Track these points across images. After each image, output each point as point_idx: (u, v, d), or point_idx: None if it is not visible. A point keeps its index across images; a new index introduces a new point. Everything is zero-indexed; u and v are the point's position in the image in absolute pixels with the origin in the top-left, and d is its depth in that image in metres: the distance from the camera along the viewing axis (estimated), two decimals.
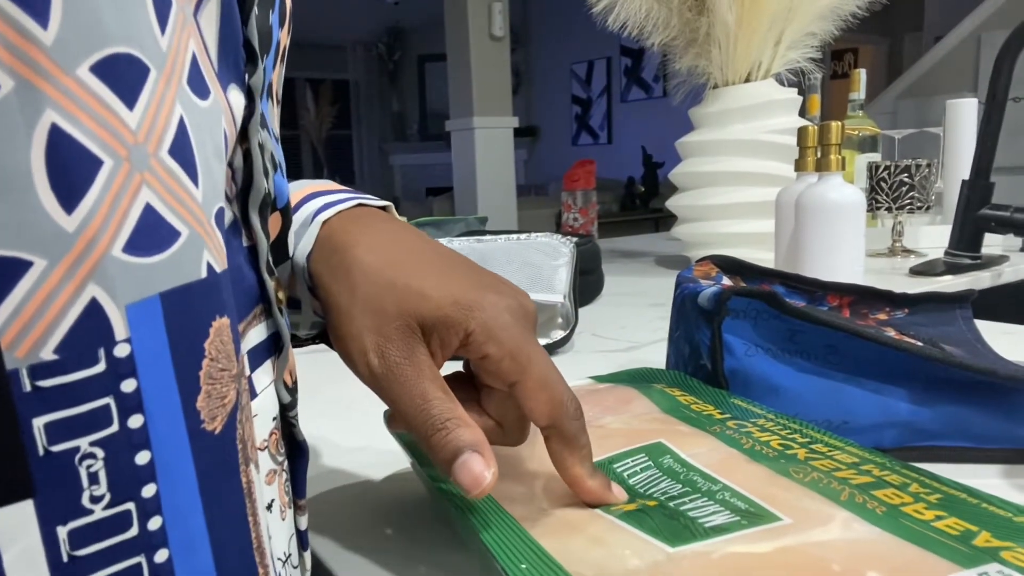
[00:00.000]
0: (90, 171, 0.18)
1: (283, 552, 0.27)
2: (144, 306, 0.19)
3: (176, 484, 0.20)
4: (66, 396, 0.18)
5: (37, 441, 0.18)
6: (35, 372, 0.17)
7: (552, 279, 0.78)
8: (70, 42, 0.17)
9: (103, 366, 0.18)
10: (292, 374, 0.29)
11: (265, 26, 0.27)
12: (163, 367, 0.20)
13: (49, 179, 0.17)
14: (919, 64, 4.11)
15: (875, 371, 0.44)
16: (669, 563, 0.26)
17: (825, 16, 1.16)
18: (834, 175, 0.78)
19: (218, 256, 0.22)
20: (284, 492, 0.28)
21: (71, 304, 0.18)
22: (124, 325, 0.19)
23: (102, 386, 0.18)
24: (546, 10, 7.48)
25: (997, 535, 0.26)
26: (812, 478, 0.31)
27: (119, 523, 0.19)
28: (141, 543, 0.20)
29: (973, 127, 1.43)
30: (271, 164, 0.27)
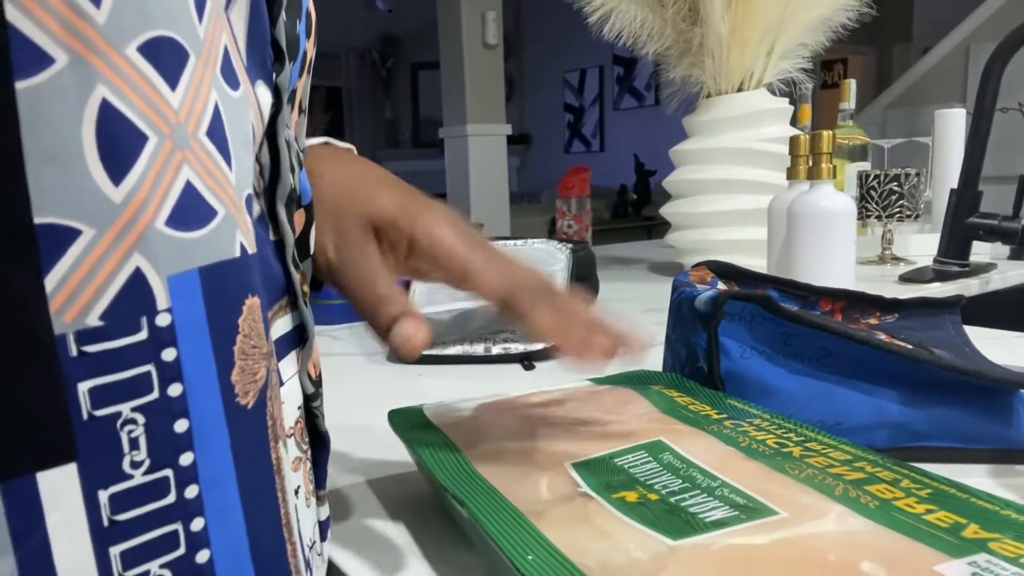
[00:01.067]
0: (136, 145, 0.18)
1: (309, 539, 0.28)
2: (184, 278, 0.20)
3: (212, 454, 0.21)
4: (110, 362, 0.18)
5: (82, 405, 0.18)
6: (81, 338, 0.18)
7: None
8: (120, 22, 0.18)
9: (145, 334, 0.19)
10: (316, 366, 0.30)
11: (293, 34, 0.28)
12: (201, 339, 0.20)
13: (99, 151, 0.18)
14: (908, 74, 4.16)
15: (867, 373, 0.46)
16: (670, 555, 0.27)
17: (816, 27, 1.18)
18: (825, 183, 0.79)
19: (249, 239, 0.23)
20: (308, 480, 0.29)
21: (116, 273, 0.18)
22: (166, 295, 0.19)
23: (144, 353, 0.19)
24: (539, 19, 7.52)
25: (986, 527, 0.27)
26: (807, 474, 0.32)
27: (158, 489, 0.19)
28: (178, 510, 0.20)
29: (961, 137, 1.45)
30: (297, 161, 0.28)
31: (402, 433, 0.41)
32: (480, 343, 0.74)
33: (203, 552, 0.21)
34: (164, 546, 0.20)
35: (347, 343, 0.85)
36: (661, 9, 1.18)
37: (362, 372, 0.72)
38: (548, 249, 0.86)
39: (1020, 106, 3.59)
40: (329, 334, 0.90)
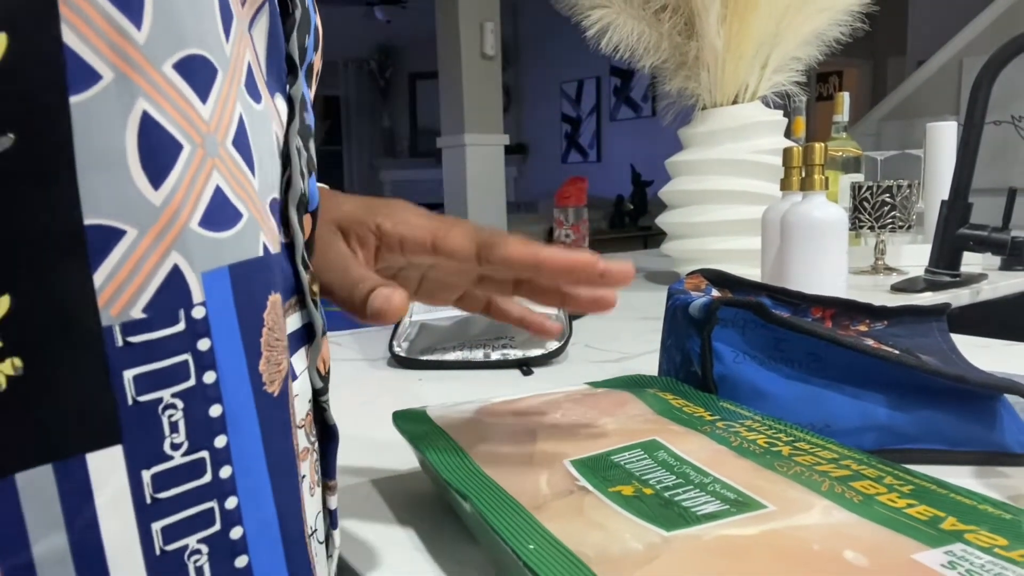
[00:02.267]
0: (173, 153, 0.20)
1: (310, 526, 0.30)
2: (216, 275, 0.21)
3: (244, 437, 0.22)
4: (152, 351, 0.20)
5: (127, 391, 0.20)
6: (126, 329, 0.19)
7: None
8: (159, 41, 0.20)
9: (183, 325, 0.21)
10: (325, 362, 0.32)
11: (303, 47, 0.30)
12: (232, 330, 0.22)
13: (140, 158, 0.19)
14: (902, 87, 4.20)
15: (855, 378, 0.47)
16: (664, 545, 0.28)
17: (810, 41, 1.20)
18: (818, 194, 0.81)
19: (271, 240, 0.25)
20: (314, 470, 0.30)
21: (157, 269, 0.20)
22: (200, 290, 0.21)
23: (182, 343, 0.21)
24: (537, 30, 7.57)
25: (963, 520, 0.29)
26: (795, 471, 0.34)
27: (195, 470, 0.21)
28: (214, 489, 0.21)
29: (953, 149, 1.48)
30: (307, 168, 0.30)
31: (406, 434, 0.43)
32: (479, 349, 0.76)
33: (237, 528, 0.22)
34: (201, 522, 0.21)
35: (349, 348, 0.86)
36: (657, 23, 1.20)
37: (364, 377, 0.74)
38: None
39: (1013, 119, 3.62)
40: (331, 339, 0.91)
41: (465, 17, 3.72)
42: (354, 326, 0.97)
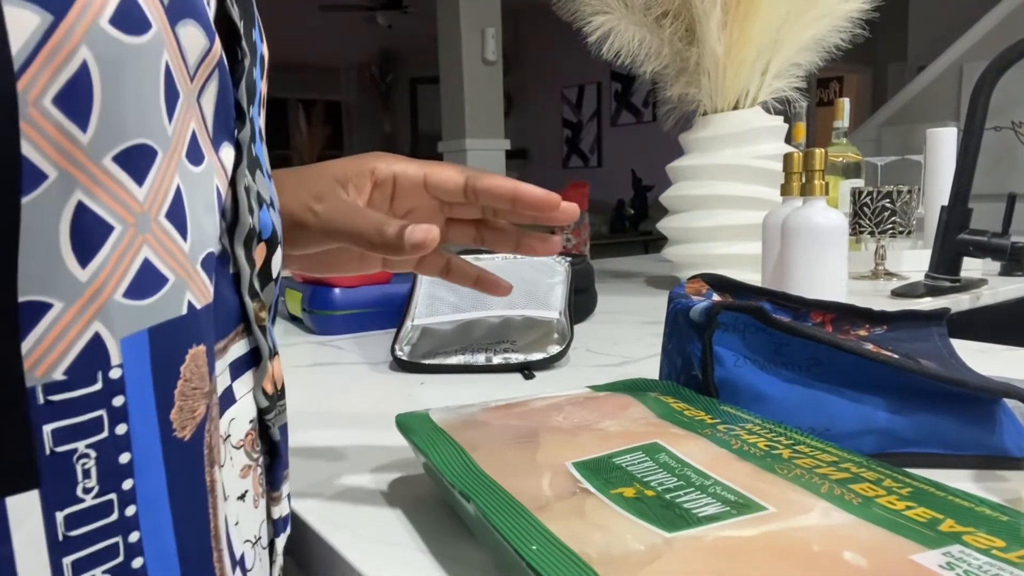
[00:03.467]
0: (103, 235, 0.22)
1: (253, 535, 0.32)
2: (135, 338, 0.24)
3: (148, 479, 0.24)
4: (70, 408, 0.22)
5: (45, 443, 0.22)
6: (48, 389, 0.22)
7: (548, 296, 0.81)
8: (101, 139, 0.22)
9: (100, 385, 0.23)
10: (276, 382, 0.33)
11: (251, 80, 0.31)
12: (145, 386, 0.24)
13: (71, 241, 0.21)
14: (902, 93, 4.21)
15: (855, 382, 0.47)
16: (666, 545, 0.29)
17: (810, 47, 1.20)
18: (818, 200, 0.81)
19: (200, 295, 0.27)
20: (259, 484, 0.32)
21: (79, 337, 0.22)
22: (118, 353, 0.23)
23: (98, 401, 0.23)
24: (538, 35, 7.59)
25: (961, 521, 0.29)
26: (795, 474, 0.34)
27: (104, 510, 0.23)
28: (119, 526, 0.24)
29: (953, 155, 1.48)
30: (256, 202, 0.32)
31: (409, 436, 0.43)
32: (481, 353, 0.76)
33: (138, 559, 0.24)
34: (107, 555, 0.23)
35: (350, 353, 0.86)
36: (658, 29, 1.21)
37: (366, 381, 0.74)
38: (547, 261, 0.88)
39: (1013, 125, 3.63)
40: (333, 344, 0.92)
41: (466, 22, 3.74)
42: (354, 330, 0.97)
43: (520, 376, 0.74)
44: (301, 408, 0.66)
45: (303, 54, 7.39)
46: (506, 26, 4.03)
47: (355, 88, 7.91)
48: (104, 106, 0.22)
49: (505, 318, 0.77)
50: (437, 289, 0.82)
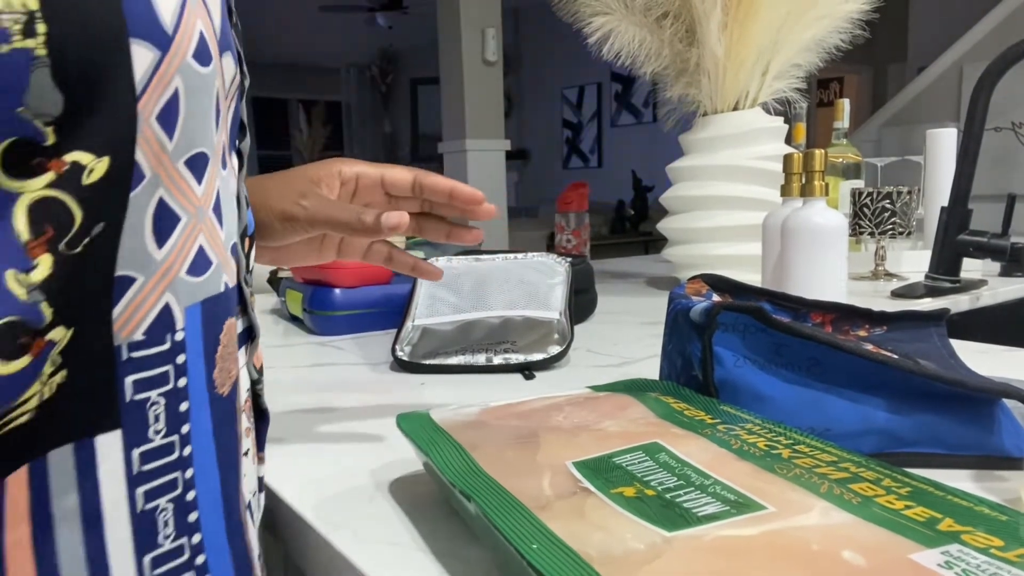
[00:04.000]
0: (174, 223, 0.28)
1: (252, 490, 0.37)
2: (193, 308, 0.29)
3: (200, 425, 0.30)
4: (146, 363, 0.27)
5: (126, 392, 0.27)
6: (131, 347, 0.27)
7: (548, 297, 0.81)
8: (179, 148, 0.28)
9: (168, 345, 0.28)
10: (259, 360, 0.39)
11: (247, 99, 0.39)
12: (198, 348, 0.30)
13: (152, 227, 0.27)
14: (902, 94, 4.21)
15: (855, 382, 0.48)
16: (665, 545, 0.29)
17: (810, 48, 1.21)
18: (818, 200, 0.81)
19: (230, 276, 0.32)
20: (254, 444, 0.38)
21: (155, 305, 0.27)
22: (182, 319, 0.29)
23: (166, 358, 0.28)
24: (538, 36, 7.59)
25: (959, 521, 0.29)
26: (795, 474, 0.34)
27: (168, 449, 0.28)
28: (179, 463, 0.29)
29: (952, 155, 1.48)
30: (247, 203, 0.38)
31: (410, 436, 0.43)
32: (481, 353, 0.76)
33: (191, 492, 0.30)
34: (170, 487, 0.29)
35: (350, 353, 0.86)
36: (659, 30, 1.21)
37: (366, 381, 0.74)
38: (547, 262, 0.88)
39: (1013, 125, 3.63)
40: (333, 344, 0.92)
41: (467, 23, 3.74)
42: (354, 331, 0.97)
43: (520, 376, 0.74)
44: (301, 408, 0.66)
45: (303, 55, 7.39)
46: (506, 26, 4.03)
47: (355, 88, 7.91)
48: (184, 122, 0.28)
49: (505, 319, 0.77)
50: (437, 290, 0.82)
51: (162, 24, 0.26)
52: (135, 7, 0.25)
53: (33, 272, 0.24)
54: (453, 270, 0.86)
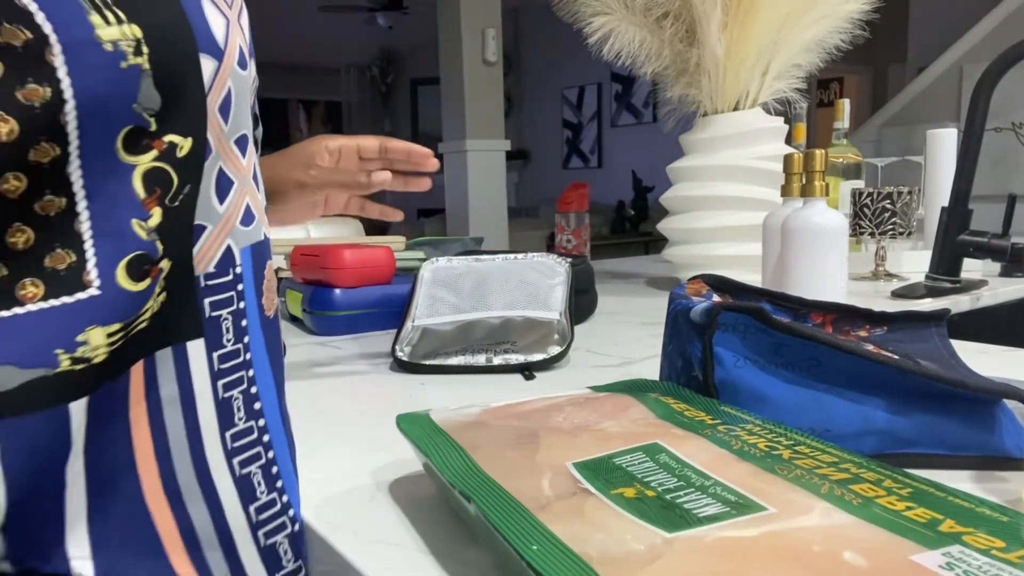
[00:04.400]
0: (229, 186, 0.38)
1: None
2: (245, 250, 0.39)
3: (255, 336, 0.39)
4: (218, 289, 0.37)
5: (205, 310, 0.36)
6: (207, 277, 0.36)
7: (548, 297, 0.81)
8: (231, 130, 0.37)
9: (231, 276, 0.38)
10: None
11: None
12: (250, 279, 0.39)
13: (215, 188, 0.37)
14: (903, 94, 4.21)
15: (855, 382, 0.47)
16: (666, 546, 0.29)
17: (810, 48, 1.20)
18: (818, 200, 0.81)
19: (267, 230, 0.42)
20: None
21: (220, 247, 0.37)
22: (239, 257, 0.38)
23: (231, 285, 0.38)
24: (538, 36, 7.59)
25: (960, 522, 0.29)
26: (795, 475, 0.34)
27: (236, 353, 0.38)
28: (244, 364, 0.39)
29: (952, 156, 1.48)
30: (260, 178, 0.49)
31: (410, 436, 0.43)
32: (481, 353, 0.76)
33: (254, 387, 0.39)
34: (239, 382, 0.38)
35: (350, 354, 0.86)
36: (659, 30, 1.21)
37: (366, 381, 0.74)
38: (547, 262, 0.88)
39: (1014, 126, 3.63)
40: (332, 344, 0.92)
41: (467, 23, 3.74)
42: (353, 331, 0.97)
43: (520, 377, 0.74)
44: (301, 408, 0.66)
45: (304, 55, 7.39)
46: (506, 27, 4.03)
47: (356, 89, 7.91)
48: (235, 112, 0.37)
49: (505, 319, 0.77)
50: (438, 290, 0.82)
51: (217, 42, 0.36)
52: (200, 32, 0.35)
53: (150, 220, 0.33)
54: (453, 270, 0.86)
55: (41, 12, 0.30)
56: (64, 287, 0.31)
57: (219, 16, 0.37)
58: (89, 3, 0.31)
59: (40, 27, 0.30)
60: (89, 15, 0.31)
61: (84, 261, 0.32)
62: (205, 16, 0.35)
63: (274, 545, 0.39)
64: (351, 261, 0.97)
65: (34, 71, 0.30)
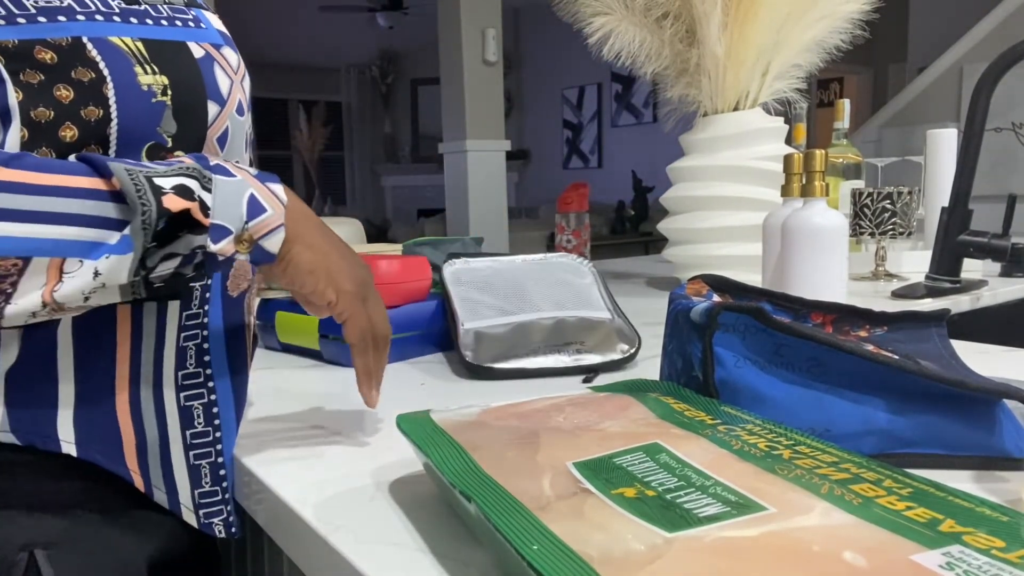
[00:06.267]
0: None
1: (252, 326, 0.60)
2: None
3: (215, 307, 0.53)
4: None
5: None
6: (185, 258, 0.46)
7: (589, 296, 0.80)
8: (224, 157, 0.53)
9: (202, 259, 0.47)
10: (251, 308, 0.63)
11: None
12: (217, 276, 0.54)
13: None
14: (903, 94, 4.21)
15: (855, 382, 0.48)
16: (666, 545, 0.29)
17: (810, 48, 1.20)
18: (818, 200, 0.81)
19: None
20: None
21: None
22: None
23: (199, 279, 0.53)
24: (538, 36, 7.59)
25: (961, 522, 0.29)
26: (795, 475, 0.34)
27: (198, 316, 0.52)
28: (201, 325, 0.52)
29: (952, 156, 1.48)
30: None
31: (411, 437, 0.43)
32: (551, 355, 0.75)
33: (206, 344, 0.53)
34: (195, 337, 0.52)
35: None
36: (659, 30, 1.21)
37: None
38: (570, 263, 0.87)
39: (1014, 126, 3.63)
40: None
41: (467, 23, 3.74)
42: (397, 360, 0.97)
43: (515, 380, 0.74)
44: (301, 408, 0.66)
45: (304, 55, 7.39)
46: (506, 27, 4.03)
47: (356, 89, 7.91)
48: (230, 145, 0.53)
49: (558, 319, 0.75)
50: (469, 292, 0.80)
51: (222, 93, 0.52)
52: (210, 86, 0.51)
53: None
54: (478, 272, 0.84)
55: (103, 61, 0.46)
56: None
57: (226, 77, 0.53)
58: (135, 59, 0.47)
59: (102, 71, 0.46)
60: (134, 67, 0.47)
61: None
62: (215, 76, 0.52)
63: (199, 467, 0.53)
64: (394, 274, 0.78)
65: (94, 98, 0.46)
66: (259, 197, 0.46)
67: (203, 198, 0.43)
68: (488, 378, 0.74)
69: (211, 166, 0.46)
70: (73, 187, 0.41)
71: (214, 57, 0.52)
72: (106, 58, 0.46)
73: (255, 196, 0.46)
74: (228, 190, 0.45)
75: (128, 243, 0.41)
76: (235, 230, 0.44)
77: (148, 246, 0.42)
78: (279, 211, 0.46)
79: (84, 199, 0.41)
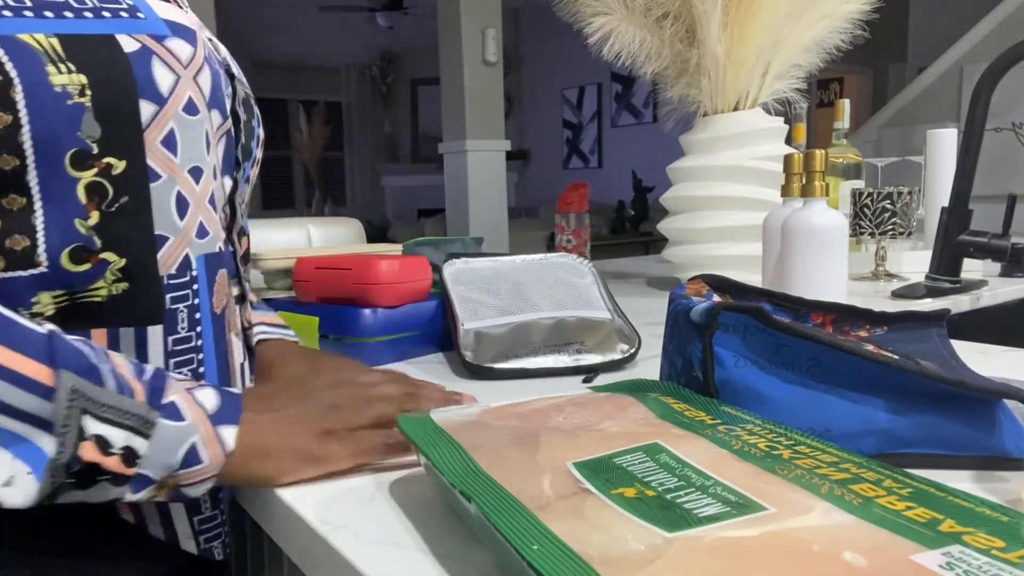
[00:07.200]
0: (187, 206, 0.48)
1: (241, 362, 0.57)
2: (201, 258, 0.50)
3: (207, 327, 0.51)
4: (177, 287, 0.48)
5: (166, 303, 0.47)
6: (168, 277, 0.47)
7: (590, 296, 0.80)
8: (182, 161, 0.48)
9: (188, 277, 0.49)
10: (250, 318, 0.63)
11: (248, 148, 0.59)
12: (204, 282, 0.50)
13: (175, 208, 0.48)
14: (903, 94, 4.21)
15: (855, 382, 0.47)
16: (666, 545, 0.29)
17: (810, 48, 1.20)
18: (818, 201, 0.81)
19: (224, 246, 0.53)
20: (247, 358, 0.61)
21: (180, 254, 0.48)
22: (195, 263, 0.49)
23: (188, 284, 0.49)
24: (538, 36, 7.59)
25: (961, 522, 0.29)
26: (795, 475, 0.34)
27: (189, 340, 0.49)
28: (195, 349, 0.50)
29: (952, 156, 1.48)
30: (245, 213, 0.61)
31: (411, 436, 0.43)
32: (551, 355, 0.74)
33: (202, 368, 0.50)
34: (189, 362, 0.49)
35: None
36: (659, 30, 1.21)
37: None
38: (569, 262, 0.87)
39: (1014, 126, 3.63)
40: None
41: (467, 23, 3.74)
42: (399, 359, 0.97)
43: (509, 380, 0.74)
44: None
45: (304, 55, 7.39)
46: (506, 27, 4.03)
47: (356, 89, 7.91)
48: (182, 146, 0.48)
49: (558, 319, 0.75)
50: (470, 292, 0.80)
51: (160, 91, 0.46)
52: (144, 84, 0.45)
53: (88, 220, 0.44)
54: (477, 272, 0.83)
55: (10, 62, 0.40)
56: (20, 264, 0.42)
57: (168, 72, 0.46)
58: (47, 57, 0.41)
59: (8, 72, 0.40)
60: (46, 65, 0.41)
61: (36, 247, 0.42)
62: (152, 71, 0.45)
63: None
64: (394, 274, 0.80)
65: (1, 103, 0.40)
66: (200, 446, 0.42)
67: (133, 446, 0.40)
68: (488, 378, 0.74)
69: (163, 404, 0.42)
70: (10, 368, 0.37)
71: (153, 50, 0.45)
72: (13, 58, 0.40)
73: (196, 446, 0.42)
74: (168, 436, 0.41)
75: (42, 472, 0.37)
76: (159, 479, 0.41)
77: (60, 483, 0.38)
78: (216, 462, 0.43)
79: (17, 387, 0.37)
